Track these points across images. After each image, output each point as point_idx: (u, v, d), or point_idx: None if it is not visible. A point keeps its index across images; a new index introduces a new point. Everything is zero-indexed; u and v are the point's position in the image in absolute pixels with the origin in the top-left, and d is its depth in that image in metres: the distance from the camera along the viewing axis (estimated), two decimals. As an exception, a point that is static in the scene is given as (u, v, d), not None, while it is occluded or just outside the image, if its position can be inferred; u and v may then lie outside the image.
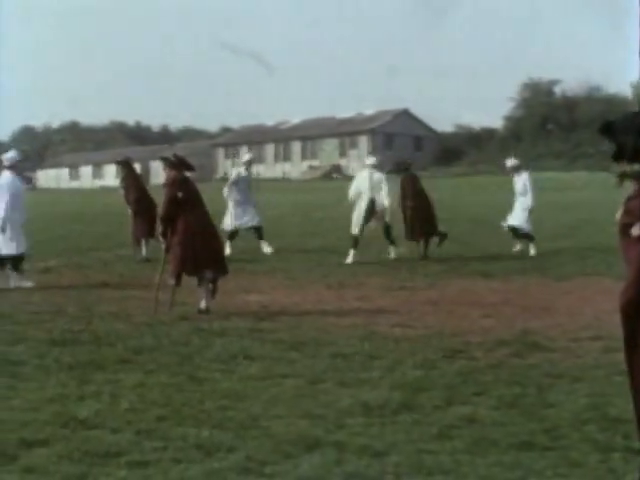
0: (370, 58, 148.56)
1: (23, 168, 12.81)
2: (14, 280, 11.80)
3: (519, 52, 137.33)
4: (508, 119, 73.02)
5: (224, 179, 76.22)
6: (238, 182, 16.83)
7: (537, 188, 17.12)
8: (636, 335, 4.50)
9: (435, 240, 15.86)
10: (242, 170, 17.21)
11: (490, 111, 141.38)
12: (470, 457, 4.61)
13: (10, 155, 12.30)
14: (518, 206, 16.30)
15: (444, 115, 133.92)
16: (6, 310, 9.75)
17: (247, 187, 17.00)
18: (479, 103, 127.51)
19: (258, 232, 16.82)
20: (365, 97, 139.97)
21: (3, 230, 11.77)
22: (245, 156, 18.20)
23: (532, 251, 15.68)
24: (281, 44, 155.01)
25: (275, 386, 6.22)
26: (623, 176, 4.85)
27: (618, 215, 4.54)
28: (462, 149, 68.07)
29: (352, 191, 15.59)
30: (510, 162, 16.75)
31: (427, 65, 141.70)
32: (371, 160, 16.24)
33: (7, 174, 12.06)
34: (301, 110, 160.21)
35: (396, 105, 74.87)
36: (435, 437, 4.97)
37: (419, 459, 4.57)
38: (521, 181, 16.42)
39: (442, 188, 15.76)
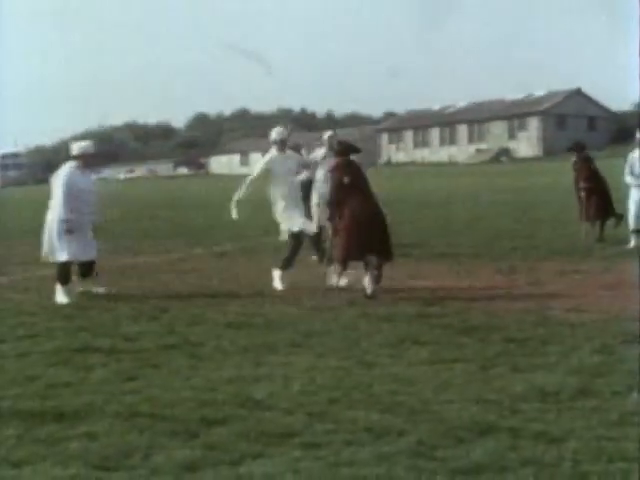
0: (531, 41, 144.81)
1: (95, 163, 10.36)
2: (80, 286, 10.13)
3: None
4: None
5: (388, 164, 76.35)
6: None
7: None
8: None
9: (611, 222, 15.26)
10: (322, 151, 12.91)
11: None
12: (654, 445, 4.42)
13: (79, 144, 10.24)
14: None
15: (620, 93, 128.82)
16: (185, 293, 10.14)
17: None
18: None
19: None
20: (531, 79, 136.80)
21: (60, 233, 9.76)
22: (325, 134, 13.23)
23: None
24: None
25: (445, 371, 6.16)
26: None
27: None
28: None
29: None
30: None
31: (602, 42, 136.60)
32: None
33: (66, 166, 10.02)
34: (466, 93, 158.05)
35: (567, 86, 72.63)
36: (616, 424, 4.79)
37: (599, 446, 4.41)
38: None
39: (618, 169, 15.06)
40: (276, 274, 10.43)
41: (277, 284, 10.35)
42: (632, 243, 14.08)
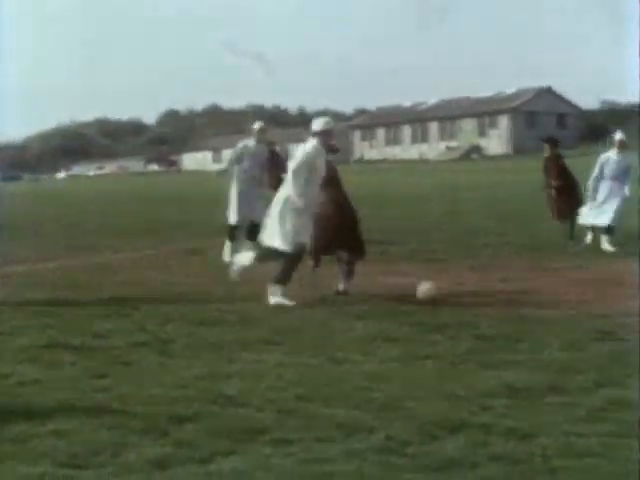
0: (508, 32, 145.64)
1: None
2: None
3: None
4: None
5: (360, 161, 76.92)
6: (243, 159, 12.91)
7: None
8: None
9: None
10: (250, 142, 13.11)
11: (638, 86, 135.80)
12: (622, 440, 4.47)
13: None
14: (612, 198, 13.95)
15: (589, 91, 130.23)
16: (157, 290, 10.07)
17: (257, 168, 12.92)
18: (624, 77, 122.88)
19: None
20: (502, 73, 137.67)
21: None
22: (256, 124, 13.48)
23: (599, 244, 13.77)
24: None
25: (416, 368, 6.18)
26: None
27: None
28: (608, 126, 65.71)
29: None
30: (619, 135, 14.30)
31: (571, 40, 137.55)
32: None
33: None
34: (438, 90, 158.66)
35: (537, 81, 73.18)
36: (584, 420, 4.83)
37: (568, 442, 4.45)
38: (626, 162, 14.07)
39: (587, 166, 15.20)
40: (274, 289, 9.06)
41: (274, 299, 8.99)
42: (589, 238, 14.16)
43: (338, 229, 9.50)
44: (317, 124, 9.35)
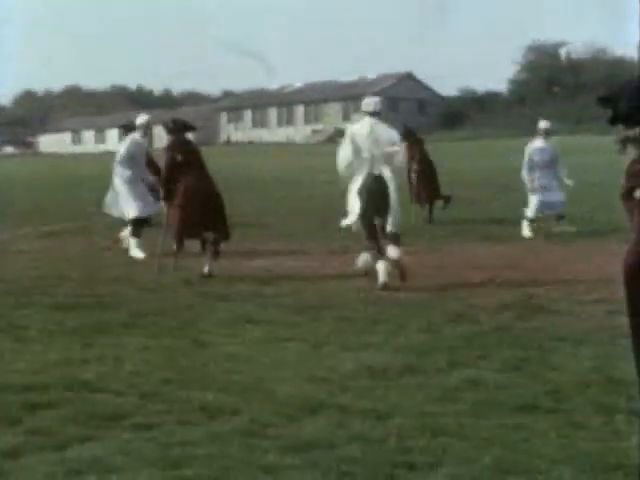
0: (372, 20, 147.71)
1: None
2: None
3: (524, 14, 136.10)
4: (513, 82, 72.63)
5: (227, 143, 75.87)
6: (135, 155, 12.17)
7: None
8: (639, 298, 4.48)
9: (439, 204, 15.84)
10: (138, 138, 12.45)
11: (495, 74, 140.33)
12: (474, 419, 4.62)
13: None
14: (554, 184, 13.83)
15: (448, 78, 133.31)
16: (10, 275, 9.75)
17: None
18: (484, 66, 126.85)
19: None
20: (368, 61, 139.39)
21: None
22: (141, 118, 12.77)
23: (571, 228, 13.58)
24: None
25: (279, 350, 6.23)
26: (626, 141, 4.82)
27: (622, 179, 4.50)
28: (466, 113, 67.70)
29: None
30: (544, 124, 14.20)
31: (431, 28, 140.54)
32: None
33: None
34: (304, 74, 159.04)
35: (400, 69, 74.56)
36: (439, 400, 4.97)
37: (423, 421, 4.57)
38: (553, 148, 14.09)
39: (446, 152, 15.62)
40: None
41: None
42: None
43: (202, 211, 9.48)
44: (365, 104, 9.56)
